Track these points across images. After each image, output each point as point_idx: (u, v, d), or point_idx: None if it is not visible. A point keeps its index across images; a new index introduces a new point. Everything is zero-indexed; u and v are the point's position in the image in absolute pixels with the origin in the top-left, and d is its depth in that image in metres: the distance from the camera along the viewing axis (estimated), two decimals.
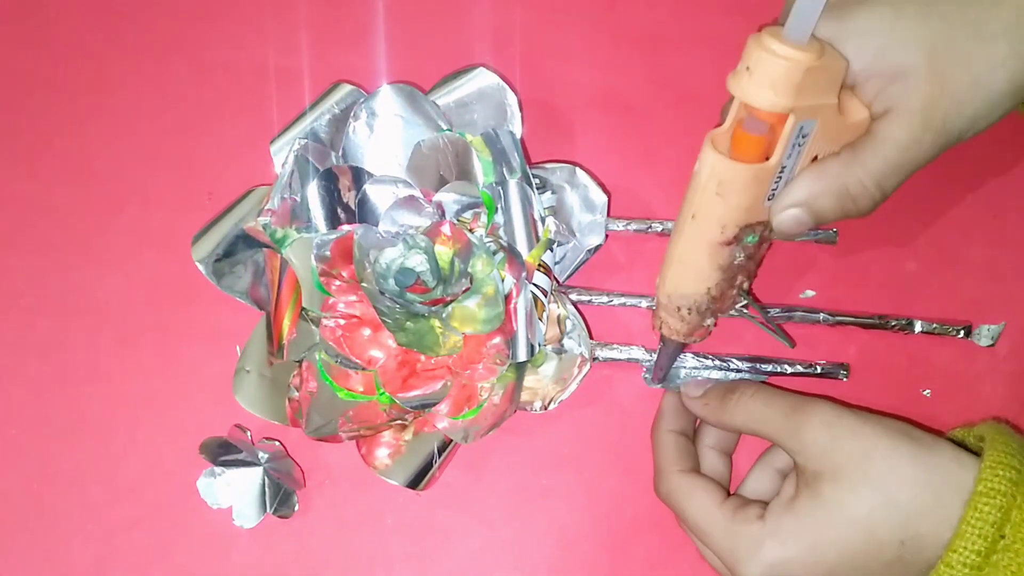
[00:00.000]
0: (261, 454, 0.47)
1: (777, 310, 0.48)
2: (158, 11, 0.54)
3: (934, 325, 0.48)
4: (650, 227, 0.49)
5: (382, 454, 0.45)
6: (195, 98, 0.53)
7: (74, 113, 0.52)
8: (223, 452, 0.47)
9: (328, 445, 0.47)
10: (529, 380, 0.46)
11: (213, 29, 0.53)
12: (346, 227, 0.45)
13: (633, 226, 0.49)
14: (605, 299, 0.49)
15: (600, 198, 0.48)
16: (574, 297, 0.49)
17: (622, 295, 0.49)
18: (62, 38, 0.54)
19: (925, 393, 0.49)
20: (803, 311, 0.48)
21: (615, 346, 0.48)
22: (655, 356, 0.47)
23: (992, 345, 0.49)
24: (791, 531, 0.39)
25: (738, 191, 0.38)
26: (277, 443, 0.47)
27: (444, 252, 0.44)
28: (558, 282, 0.48)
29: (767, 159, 0.38)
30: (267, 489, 0.47)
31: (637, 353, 0.48)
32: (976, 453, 0.39)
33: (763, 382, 0.47)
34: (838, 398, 0.46)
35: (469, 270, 0.43)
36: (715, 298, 0.42)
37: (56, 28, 0.54)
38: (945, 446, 0.39)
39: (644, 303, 0.49)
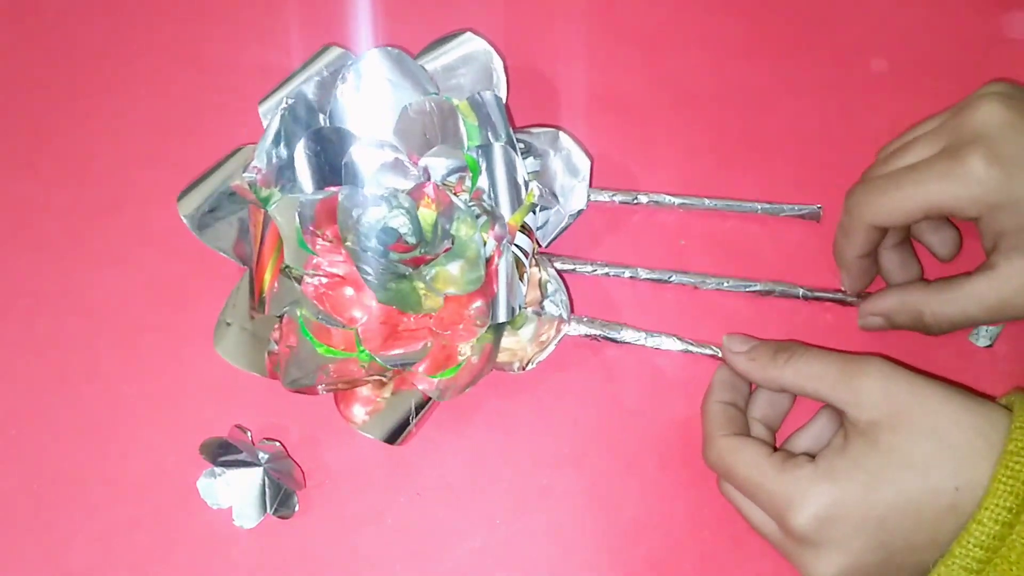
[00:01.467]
0: (261, 454, 0.46)
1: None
2: (158, 11, 0.55)
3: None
4: (636, 199, 0.50)
5: (359, 411, 0.45)
6: (195, 98, 0.53)
7: (73, 113, 0.53)
8: (223, 452, 0.47)
9: (328, 445, 0.47)
10: (508, 341, 0.46)
11: (213, 29, 0.54)
12: (332, 188, 0.45)
13: (619, 197, 0.49)
14: (589, 268, 0.49)
15: (583, 162, 0.48)
16: (558, 266, 0.49)
17: (607, 265, 0.49)
18: (61, 38, 0.55)
19: None
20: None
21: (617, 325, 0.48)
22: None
23: (990, 345, 0.48)
24: (844, 473, 0.38)
25: None
26: (278, 443, 0.47)
27: (427, 213, 0.44)
28: (540, 246, 0.48)
29: None
30: (267, 489, 0.46)
31: (628, 335, 0.48)
32: None
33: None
34: None
35: (452, 232, 0.44)
36: None
37: (55, 28, 0.55)
38: (990, 401, 0.39)
39: (627, 273, 0.49)
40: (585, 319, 0.48)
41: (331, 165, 0.46)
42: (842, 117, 0.52)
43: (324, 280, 0.44)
